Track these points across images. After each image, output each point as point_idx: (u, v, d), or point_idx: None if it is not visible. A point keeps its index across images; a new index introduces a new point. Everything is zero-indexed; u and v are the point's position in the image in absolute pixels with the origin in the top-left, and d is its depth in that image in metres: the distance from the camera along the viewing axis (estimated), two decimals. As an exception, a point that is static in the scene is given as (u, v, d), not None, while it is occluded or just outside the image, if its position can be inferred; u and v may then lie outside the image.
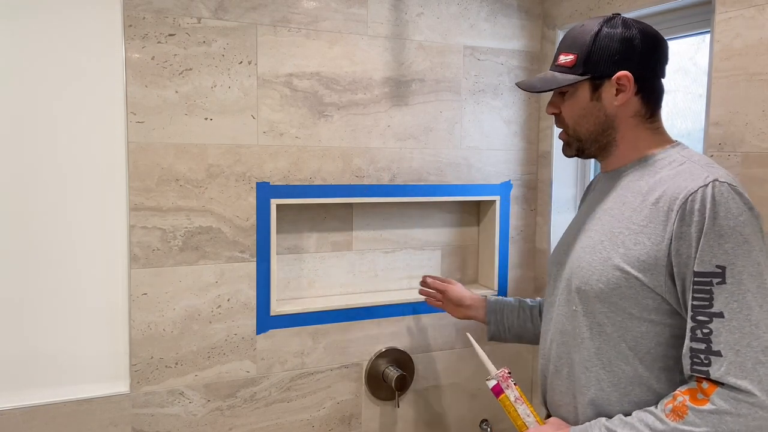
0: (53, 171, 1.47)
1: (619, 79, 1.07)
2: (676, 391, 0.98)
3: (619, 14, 1.12)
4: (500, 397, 1.20)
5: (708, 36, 1.45)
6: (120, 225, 1.54)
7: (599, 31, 1.07)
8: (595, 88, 1.09)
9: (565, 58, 1.11)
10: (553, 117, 1.21)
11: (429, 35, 1.81)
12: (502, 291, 1.98)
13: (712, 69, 1.40)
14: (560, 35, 1.89)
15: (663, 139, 1.12)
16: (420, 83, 1.82)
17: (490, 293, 1.97)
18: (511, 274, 2.00)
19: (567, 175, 1.96)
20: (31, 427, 1.48)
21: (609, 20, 1.09)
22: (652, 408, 1.00)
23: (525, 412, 1.17)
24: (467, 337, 1.40)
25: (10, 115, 1.42)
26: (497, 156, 1.95)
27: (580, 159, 1.94)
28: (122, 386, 1.57)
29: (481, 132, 1.91)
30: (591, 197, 1.22)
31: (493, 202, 1.96)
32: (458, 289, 1.58)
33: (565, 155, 1.20)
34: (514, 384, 1.21)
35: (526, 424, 1.16)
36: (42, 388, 1.50)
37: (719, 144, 1.39)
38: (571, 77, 1.09)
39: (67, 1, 1.45)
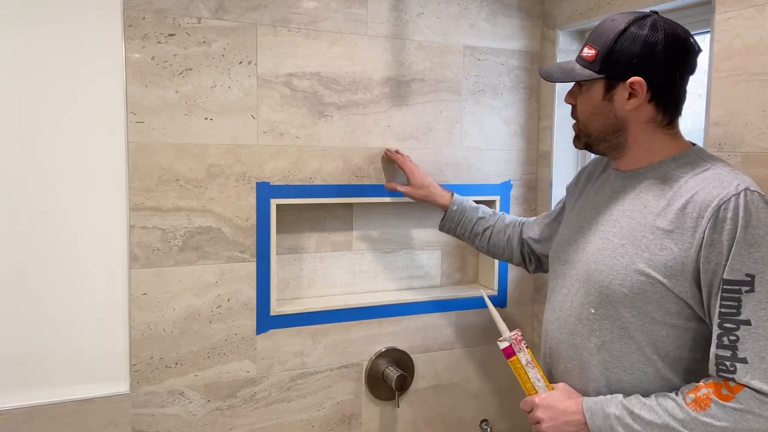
0: (53, 171, 1.47)
1: (632, 84, 1.05)
2: (700, 383, 0.98)
3: (655, 13, 1.08)
4: (511, 359, 1.19)
5: (708, 36, 1.45)
6: (120, 225, 1.54)
7: (625, 30, 1.05)
8: (609, 89, 1.08)
9: (588, 52, 1.09)
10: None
11: (429, 35, 1.81)
12: (502, 291, 1.98)
13: (712, 69, 1.40)
14: (560, 35, 1.89)
15: (680, 143, 1.11)
16: (420, 83, 1.82)
17: (490, 293, 1.96)
18: (511, 274, 2.00)
19: (567, 175, 1.96)
20: (31, 427, 1.48)
21: (639, 19, 1.06)
22: (672, 394, 1.00)
23: (535, 376, 1.17)
24: (483, 296, 1.33)
25: (9, 115, 1.42)
26: (497, 156, 1.95)
27: (579, 159, 1.97)
28: (122, 386, 1.57)
29: (481, 132, 1.91)
30: (600, 195, 1.20)
31: (493, 202, 1.95)
32: (420, 172, 1.71)
33: (575, 147, 1.21)
34: (526, 347, 1.19)
35: (536, 388, 1.16)
36: (42, 388, 1.50)
37: (719, 144, 1.39)
38: (587, 73, 1.08)
39: (67, 1, 1.45)
